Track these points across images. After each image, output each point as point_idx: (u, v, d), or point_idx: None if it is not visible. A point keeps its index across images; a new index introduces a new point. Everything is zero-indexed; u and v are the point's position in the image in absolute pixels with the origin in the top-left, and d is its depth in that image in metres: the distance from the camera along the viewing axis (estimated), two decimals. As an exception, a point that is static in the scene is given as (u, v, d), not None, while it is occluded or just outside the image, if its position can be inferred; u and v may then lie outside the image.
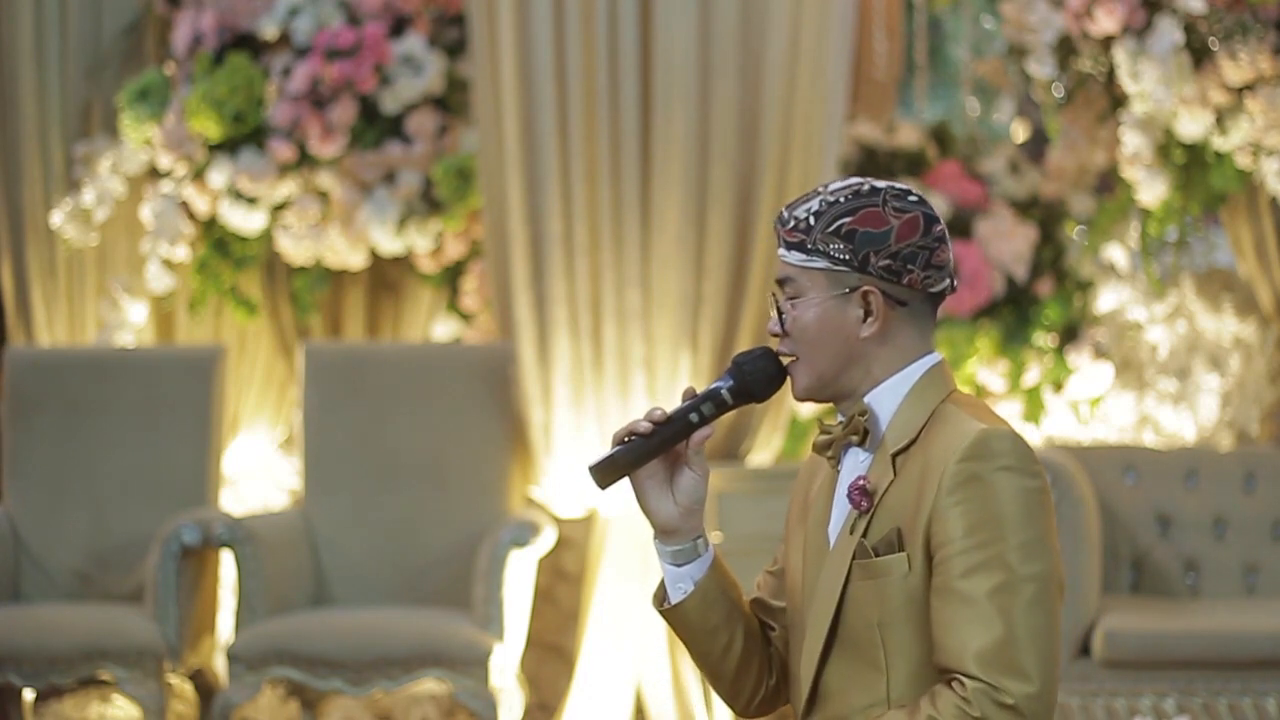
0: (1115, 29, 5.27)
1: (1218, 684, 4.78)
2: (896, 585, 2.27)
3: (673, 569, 2.43)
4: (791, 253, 2.34)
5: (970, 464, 2.23)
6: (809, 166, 5.20)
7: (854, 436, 2.34)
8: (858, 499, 2.31)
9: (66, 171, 5.97)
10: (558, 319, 5.20)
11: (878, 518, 2.30)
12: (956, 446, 2.24)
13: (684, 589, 2.42)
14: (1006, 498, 2.22)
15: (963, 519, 2.22)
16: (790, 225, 2.34)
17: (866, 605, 2.28)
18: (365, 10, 5.70)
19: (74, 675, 4.94)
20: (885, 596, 2.27)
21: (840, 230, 2.31)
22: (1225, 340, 5.71)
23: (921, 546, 2.26)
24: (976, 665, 2.18)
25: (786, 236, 2.35)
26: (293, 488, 5.85)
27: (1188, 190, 5.38)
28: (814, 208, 2.33)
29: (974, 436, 2.24)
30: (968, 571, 2.20)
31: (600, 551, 5.22)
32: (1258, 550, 5.19)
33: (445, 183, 5.54)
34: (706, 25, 5.14)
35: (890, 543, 2.28)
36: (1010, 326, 5.65)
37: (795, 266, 2.34)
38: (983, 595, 2.19)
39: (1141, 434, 5.69)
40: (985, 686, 2.17)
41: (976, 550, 2.21)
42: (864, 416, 2.33)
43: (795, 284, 2.35)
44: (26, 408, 5.36)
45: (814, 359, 2.34)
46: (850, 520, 2.32)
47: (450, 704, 5.36)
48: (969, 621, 2.19)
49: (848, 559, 2.30)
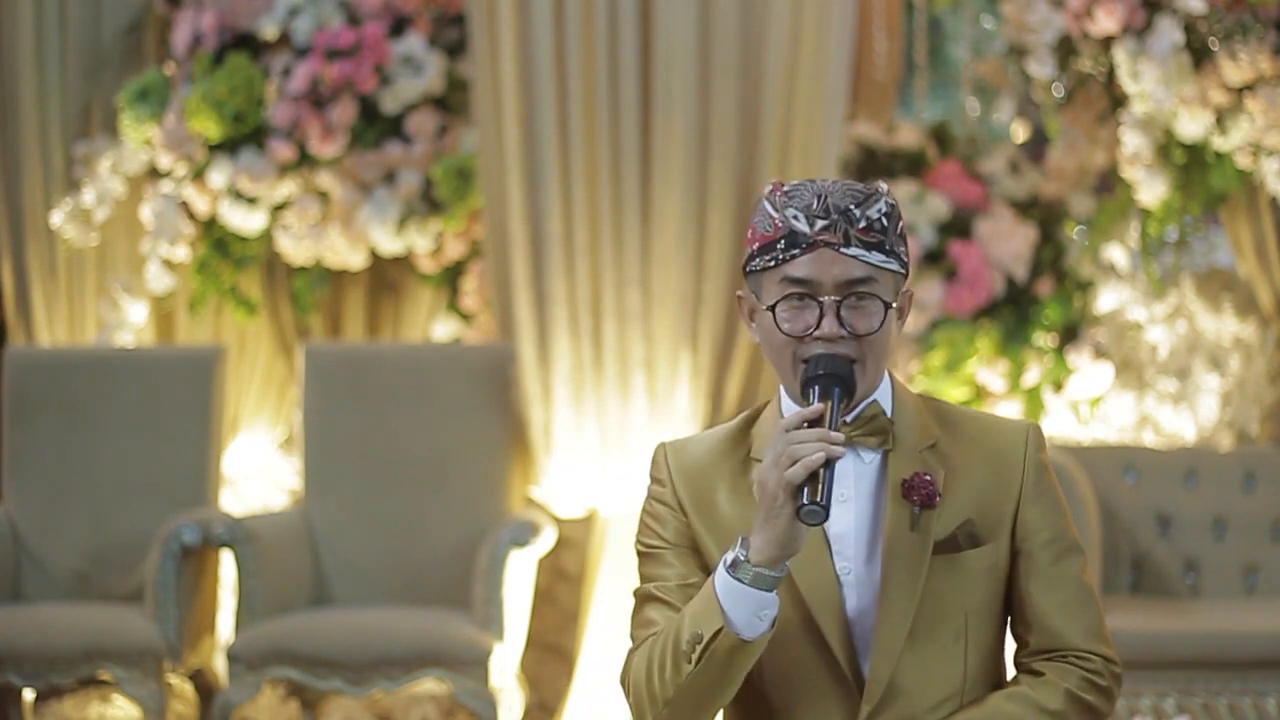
0: (1115, 29, 5.27)
1: (1218, 684, 4.78)
2: (985, 576, 2.33)
3: (764, 595, 2.24)
4: (872, 253, 2.30)
5: (1041, 454, 2.38)
6: (809, 166, 5.19)
7: (872, 437, 2.33)
8: (929, 496, 2.31)
9: (66, 171, 5.97)
10: (558, 319, 5.21)
11: (945, 512, 2.32)
12: (1021, 440, 2.37)
13: (769, 615, 2.25)
14: (1059, 487, 2.40)
15: (1048, 508, 2.36)
16: (864, 225, 2.29)
17: (953, 598, 2.31)
18: (365, 10, 5.70)
19: (74, 675, 4.94)
20: (974, 588, 2.33)
21: (902, 233, 2.34)
22: (1225, 340, 5.71)
23: (1007, 536, 2.34)
24: (1091, 642, 2.34)
25: (863, 236, 2.29)
26: (293, 488, 5.86)
27: (1188, 190, 5.38)
28: (883, 209, 2.31)
29: (1034, 430, 2.39)
30: (1059, 556, 2.35)
31: (600, 551, 5.22)
32: (1258, 550, 5.19)
33: (445, 183, 5.54)
34: (706, 25, 5.14)
35: (971, 536, 2.33)
36: (1010, 326, 5.65)
37: (877, 267, 2.30)
38: (1074, 577, 2.36)
39: (1141, 434, 5.69)
40: (1102, 660, 2.34)
41: (1061, 536, 2.37)
42: (886, 416, 2.34)
43: (876, 284, 2.30)
44: (26, 408, 5.36)
45: (878, 361, 2.32)
46: (907, 518, 2.31)
47: (450, 704, 5.36)
48: (1072, 603, 2.34)
49: (923, 556, 2.30)
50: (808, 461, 2.18)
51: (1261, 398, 5.67)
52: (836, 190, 2.31)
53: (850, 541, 2.33)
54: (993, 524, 2.33)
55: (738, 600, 2.23)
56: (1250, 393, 5.67)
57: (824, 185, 2.32)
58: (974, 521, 2.32)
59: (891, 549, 2.31)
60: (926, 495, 2.30)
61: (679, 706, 2.30)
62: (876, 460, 2.34)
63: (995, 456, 2.35)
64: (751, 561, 2.22)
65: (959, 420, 2.38)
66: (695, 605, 2.27)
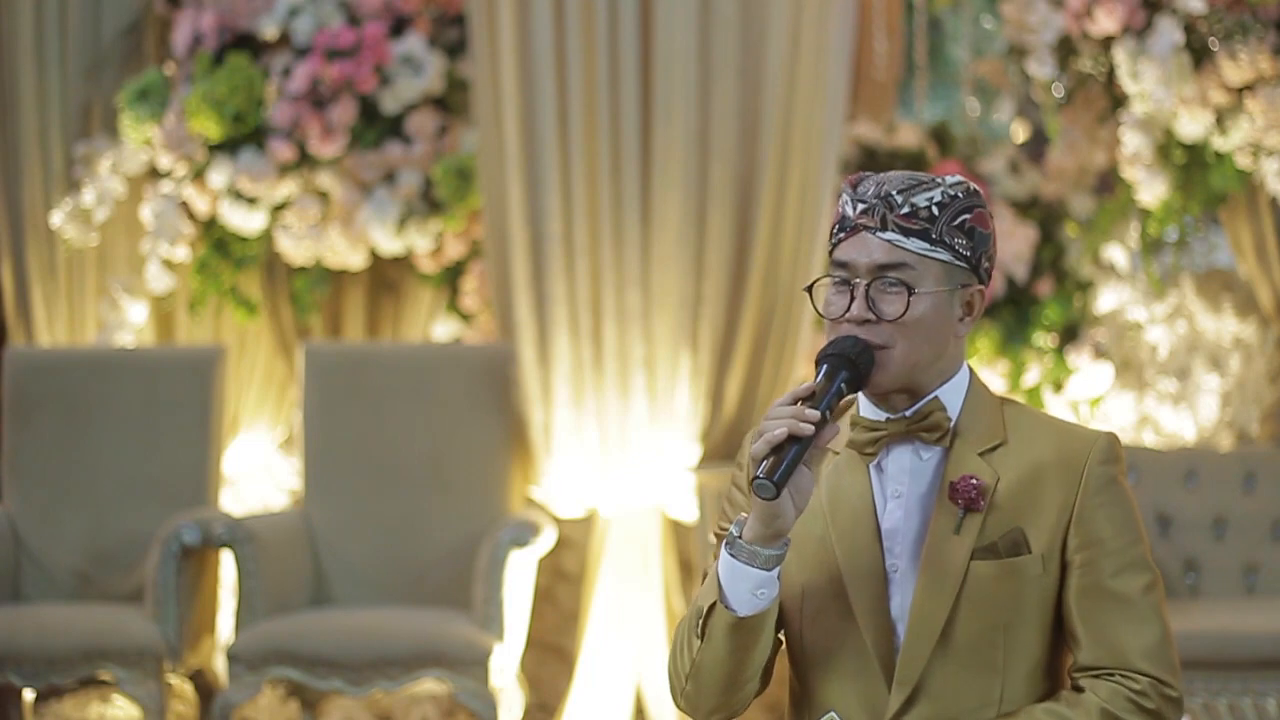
0: (1115, 29, 5.27)
1: (1218, 684, 4.78)
2: (1026, 586, 2.27)
3: (761, 574, 2.25)
4: (911, 239, 2.28)
5: (1109, 467, 2.31)
6: (809, 166, 5.20)
7: (927, 433, 2.30)
8: (973, 498, 2.27)
9: (66, 171, 5.97)
10: (558, 319, 5.20)
11: (993, 517, 2.28)
12: (1086, 450, 2.30)
13: (768, 594, 2.26)
14: (1131, 503, 2.33)
15: (1110, 521, 2.29)
16: (907, 211, 2.28)
17: (989, 607, 2.27)
18: (365, 10, 5.70)
19: (74, 675, 4.94)
20: (1013, 597, 2.27)
21: (964, 225, 2.30)
22: (1225, 340, 5.71)
23: (1057, 548, 2.28)
24: (1145, 662, 2.26)
25: (903, 222, 2.28)
26: (293, 488, 5.86)
27: (1188, 190, 5.38)
28: (936, 198, 2.29)
29: (1104, 440, 2.32)
30: (1118, 571, 2.28)
31: (600, 551, 5.22)
32: (1258, 550, 5.20)
33: (445, 183, 5.54)
34: (706, 25, 5.14)
35: (1016, 543, 2.27)
36: (1010, 326, 5.65)
37: (915, 254, 2.28)
38: (1137, 594, 2.28)
39: (1141, 434, 5.69)
40: (1154, 681, 2.25)
41: (1124, 551, 2.28)
42: (944, 412, 2.31)
43: (910, 271, 2.28)
44: (26, 408, 5.36)
45: (915, 350, 2.29)
46: (952, 520, 2.28)
47: (450, 704, 5.36)
48: (1130, 620, 2.27)
49: (963, 560, 2.26)
50: (769, 436, 2.19)
51: (1261, 398, 5.67)
52: (897, 178, 2.31)
53: (899, 539, 2.31)
54: (1043, 534, 2.27)
55: (735, 577, 2.25)
56: (1250, 393, 5.67)
57: (891, 174, 2.33)
58: (1022, 530, 2.27)
59: (931, 551, 2.28)
60: (970, 499, 2.27)
61: (698, 684, 2.32)
62: (935, 458, 2.31)
63: (1056, 466, 2.29)
64: (744, 539, 2.24)
65: (1032, 426, 2.33)
66: (706, 581, 2.31)
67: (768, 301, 5.22)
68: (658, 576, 5.19)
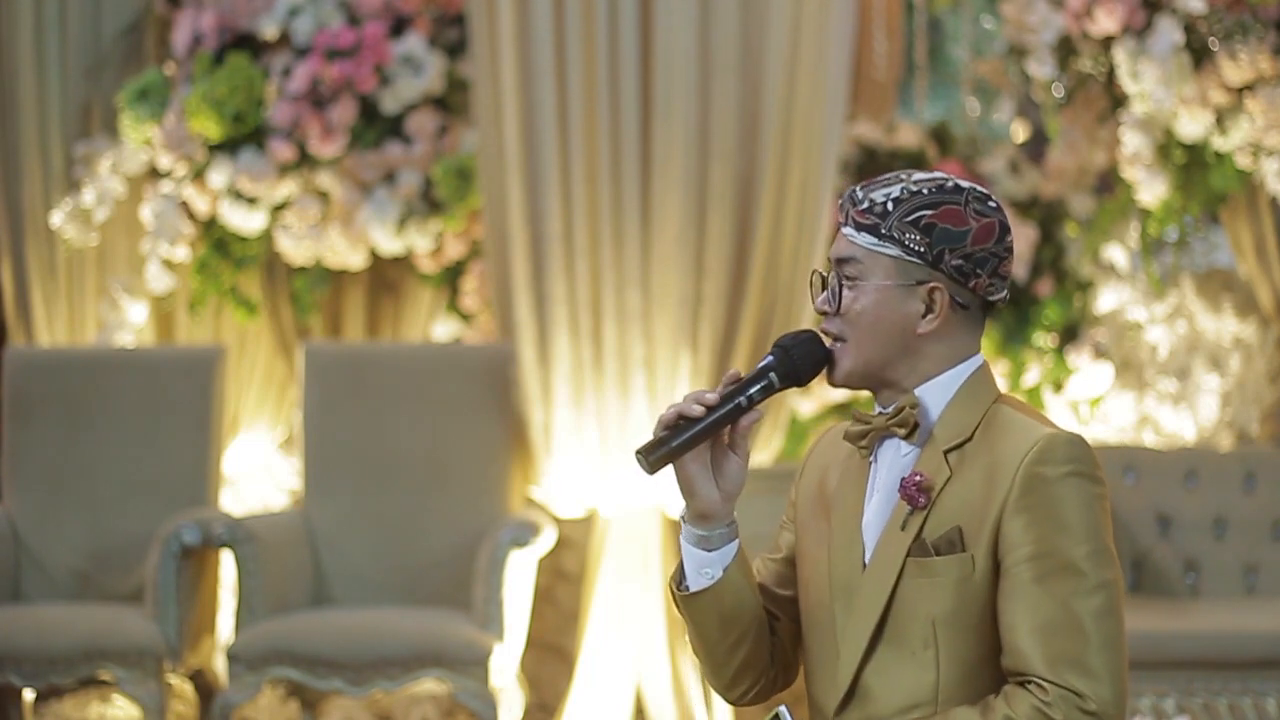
0: (1115, 29, 5.27)
1: (1218, 684, 4.78)
2: (957, 585, 2.25)
3: (701, 554, 2.34)
4: (862, 234, 2.30)
5: (1040, 468, 2.23)
6: (809, 166, 5.19)
7: (900, 429, 2.30)
8: (914, 495, 2.27)
9: (66, 171, 5.97)
10: (558, 319, 5.20)
11: (935, 515, 2.27)
12: (1024, 450, 2.24)
13: (711, 575, 2.33)
14: (1075, 504, 2.23)
15: (1035, 524, 2.22)
16: (864, 206, 2.30)
17: (921, 603, 2.26)
18: (365, 10, 5.70)
19: (74, 675, 4.94)
20: (943, 595, 2.25)
21: (919, 221, 2.29)
22: (1225, 340, 5.71)
23: (988, 548, 2.24)
24: (1055, 671, 2.18)
25: (858, 217, 2.30)
26: (293, 488, 5.86)
27: (1188, 190, 5.38)
28: (895, 194, 2.29)
29: (1043, 441, 2.24)
30: (1041, 577, 2.20)
31: (600, 551, 5.22)
32: (1258, 550, 5.19)
33: (445, 183, 5.54)
34: (706, 25, 5.14)
35: (951, 542, 2.25)
36: (1010, 326, 5.65)
37: (863, 248, 2.30)
38: (1058, 602, 2.19)
39: (1141, 434, 5.69)
40: (1067, 693, 2.17)
41: (1050, 556, 2.21)
42: (914, 409, 2.30)
43: (859, 265, 2.30)
44: (26, 408, 5.35)
45: (864, 345, 2.30)
46: (902, 516, 2.28)
47: (450, 704, 5.36)
48: (1046, 627, 2.19)
49: (901, 556, 2.27)
50: (662, 415, 2.32)
51: (1261, 398, 5.67)
52: (886, 176, 2.34)
53: (872, 533, 2.32)
54: (975, 533, 2.25)
55: (686, 553, 2.37)
56: (1250, 393, 5.67)
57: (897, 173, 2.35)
58: (960, 529, 2.25)
59: (880, 546, 2.30)
60: (911, 495, 2.27)
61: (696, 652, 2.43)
62: (913, 455, 2.31)
63: (994, 464, 2.25)
64: (684, 518, 2.36)
65: (1003, 426, 2.30)
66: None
67: (768, 301, 5.22)
68: (658, 576, 5.19)
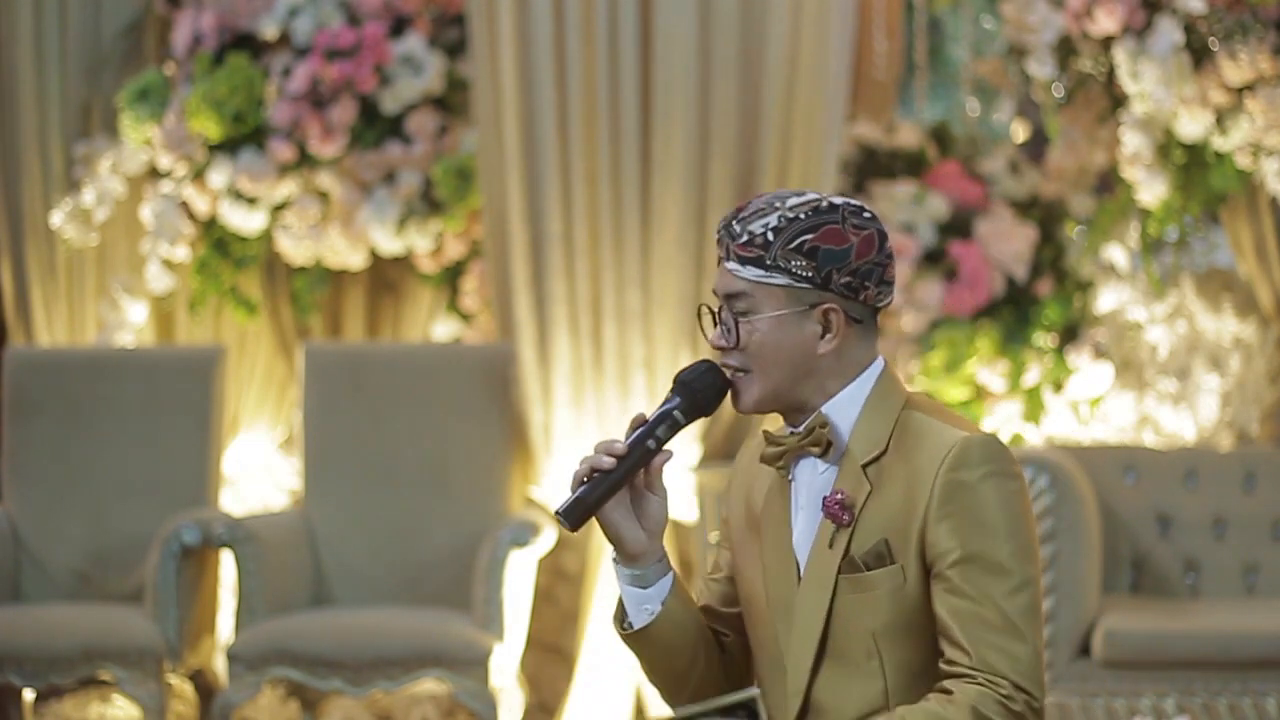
0: (1115, 29, 5.27)
1: (1218, 684, 4.78)
2: (891, 597, 2.27)
3: (637, 591, 2.37)
4: (747, 268, 2.31)
5: (958, 474, 2.25)
6: (809, 166, 5.19)
7: (814, 448, 2.33)
8: (837, 513, 2.29)
9: (66, 171, 5.97)
10: (558, 319, 5.21)
11: (860, 530, 2.29)
12: (940, 457, 2.26)
13: (650, 610, 2.37)
14: (996, 504, 2.25)
15: (958, 530, 2.24)
16: (744, 240, 2.30)
17: (858, 617, 2.28)
18: (365, 10, 5.70)
19: (74, 675, 4.94)
20: (879, 608, 2.28)
21: (803, 247, 2.29)
22: (1225, 340, 5.71)
23: (916, 556, 2.27)
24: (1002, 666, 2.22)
25: (740, 250, 2.31)
26: (293, 488, 5.86)
27: (1188, 190, 5.38)
28: (772, 223, 2.30)
29: (958, 446, 2.26)
30: (973, 577, 2.23)
31: (600, 551, 5.22)
32: (1258, 550, 5.19)
33: (445, 183, 5.54)
34: (706, 25, 5.14)
35: (880, 555, 2.27)
36: (1010, 326, 5.65)
37: (750, 281, 2.31)
38: (991, 600, 2.23)
39: (1141, 434, 5.69)
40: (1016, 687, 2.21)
41: (977, 559, 2.23)
42: (825, 428, 2.32)
43: (749, 299, 2.31)
44: (26, 408, 5.36)
45: (768, 373, 2.33)
46: (828, 534, 2.31)
47: (450, 704, 5.36)
48: (984, 625, 2.22)
49: (832, 573, 2.29)
50: (575, 472, 2.32)
51: (1261, 398, 5.67)
52: (751, 206, 2.34)
53: (804, 550, 2.35)
54: (901, 544, 2.27)
55: (624, 593, 2.39)
56: (1250, 393, 5.67)
57: (759, 201, 2.35)
58: (887, 541, 2.27)
59: (810, 565, 2.32)
60: (835, 514, 2.30)
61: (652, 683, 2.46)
62: (831, 472, 2.34)
63: (912, 474, 2.27)
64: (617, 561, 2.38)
65: (916, 433, 2.31)
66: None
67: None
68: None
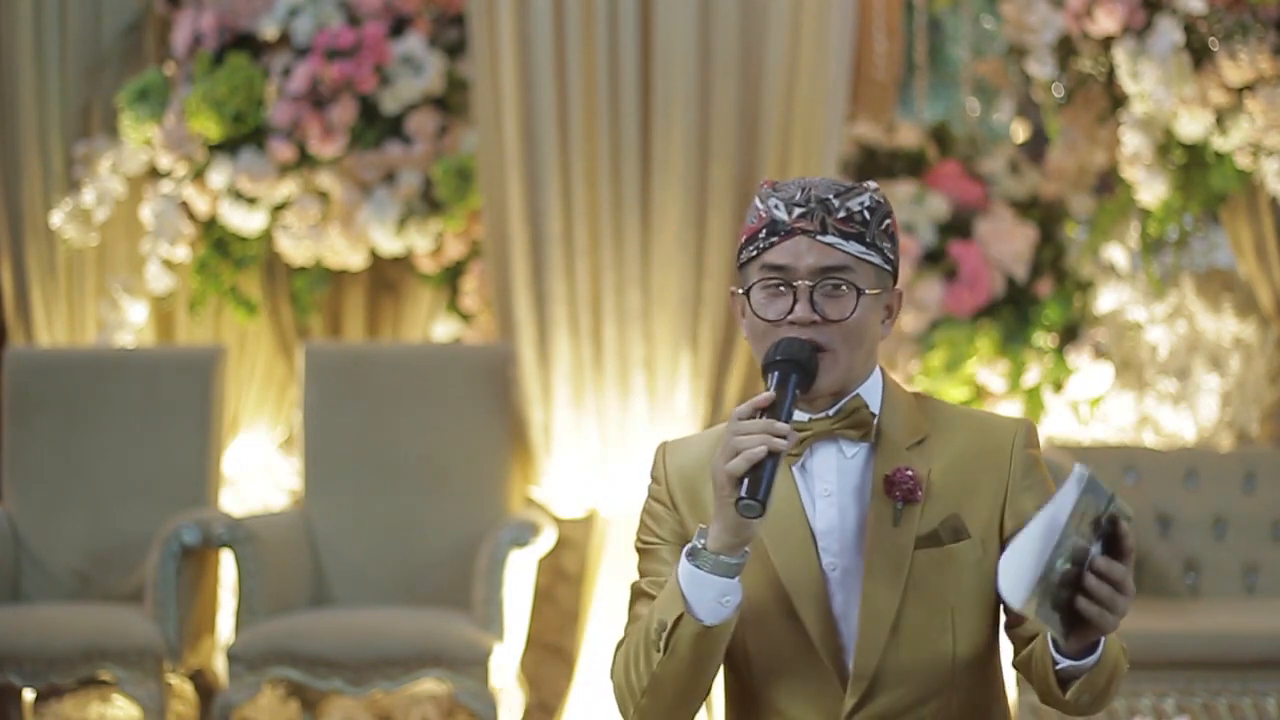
0: (1115, 29, 5.27)
1: (1218, 684, 4.78)
2: (972, 569, 2.33)
3: (724, 582, 2.26)
4: (850, 243, 2.32)
5: (1032, 450, 2.39)
6: (809, 166, 5.19)
7: (853, 430, 2.34)
8: (911, 490, 2.32)
9: (66, 171, 5.97)
10: (558, 319, 5.20)
11: (929, 507, 2.33)
12: (1010, 435, 2.38)
13: (732, 601, 2.28)
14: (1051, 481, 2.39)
15: (1036, 500, 2.33)
16: (844, 215, 2.32)
17: (935, 593, 2.32)
18: (365, 10, 5.70)
19: (74, 675, 4.94)
20: (959, 581, 2.33)
21: (888, 230, 2.36)
22: (1225, 340, 5.71)
23: (995, 530, 2.34)
24: None
25: (841, 226, 2.32)
26: (293, 488, 5.86)
27: (1188, 190, 5.38)
28: (866, 202, 2.34)
29: (1025, 426, 2.40)
30: None
31: (600, 551, 5.22)
32: (1258, 550, 5.20)
33: (445, 183, 5.54)
34: (706, 25, 5.14)
35: (956, 530, 2.34)
36: (1010, 326, 5.65)
37: (853, 257, 2.33)
38: None
39: (1141, 434, 5.69)
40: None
41: None
42: (866, 410, 2.35)
43: (851, 273, 2.32)
44: (26, 408, 5.36)
45: (853, 352, 2.34)
46: (889, 513, 2.32)
47: (450, 704, 5.36)
48: None
49: (907, 551, 2.31)
50: (749, 454, 2.20)
51: (1261, 398, 5.67)
52: (822, 184, 2.35)
53: (835, 538, 2.35)
54: (979, 519, 2.34)
55: (699, 587, 2.25)
56: (1250, 393, 5.67)
57: (811, 180, 2.36)
58: (959, 516, 2.33)
59: (874, 545, 2.32)
60: (908, 490, 2.32)
61: (655, 696, 2.32)
62: (861, 455, 2.36)
63: (983, 453, 2.36)
64: (709, 549, 2.25)
65: (951, 418, 2.40)
66: (663, 595, 2.31)
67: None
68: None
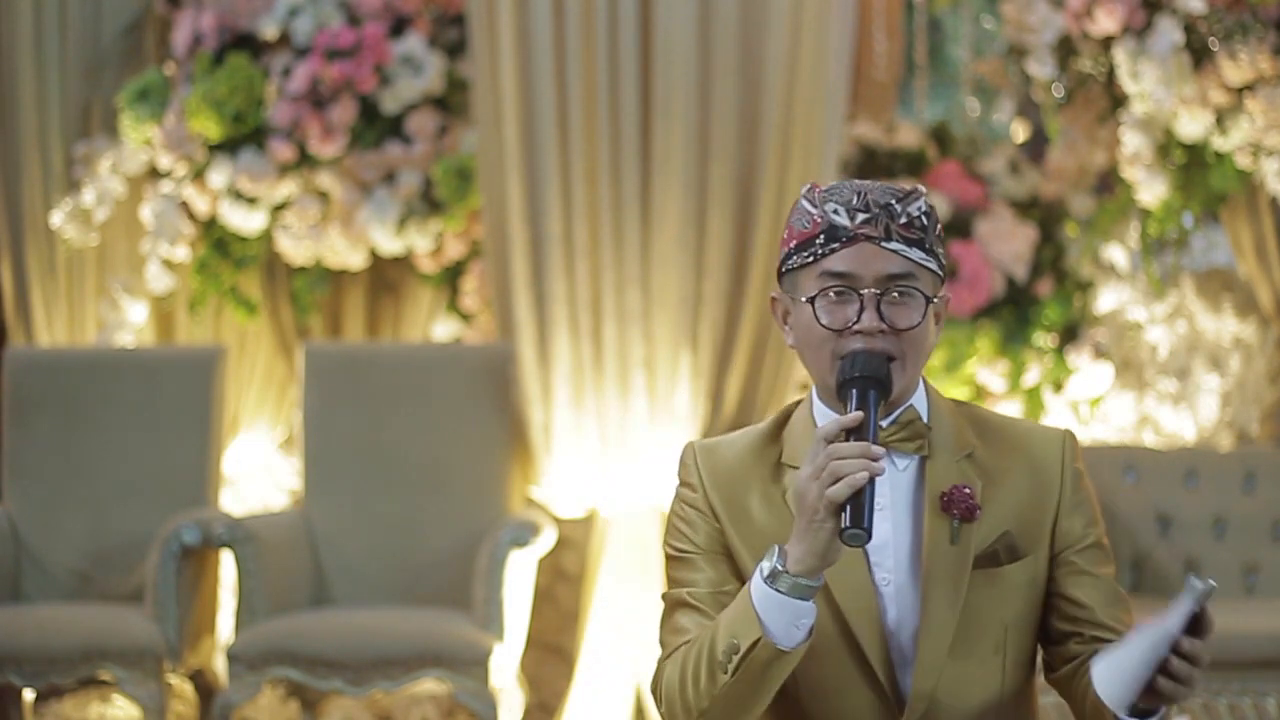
0: (1115, 29, 5.27)
1: (1218, 684, 4.77)
2: (1026, 588, 2.31)
3: (799, 605, 2.19)
4: (913, 249, 2.27)
5: (1077, 464, 2.38)
6: (809, 166, 5.19)
7: (909, 443, 2.30)
8: (970, 508, 2.28)
9: (66, 171, 5.97)
10: (558, 319, 5.20)
11: (982, 525, 2.29)
12: (1058, 449, 2.37)
13: (806, 624, 2.20)
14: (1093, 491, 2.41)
15: (1085, 515, 2.36)
16: (905, 221, 2.27)
17: (993, 611, 2.30)
18: (365, 10, 5.70)
19: (74, 675, 4.94)
20: (1014, 600, 2.31)
21: (941, 237, 2.33)
22: (1225, 340, 5.71)
23: (1046, 546, 2.33)
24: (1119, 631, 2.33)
25: (903, 232, 2.27)
26: (293, 488, 5.86)
27: (1188, 190, 5.38)
28: (923, 208, 2.30)
29: (1069, 438, 2.39)
30: (1099, 562, 2.36)
31: (600, 551, 5.22)
32: (1258, 550, 5.19)
33: (445, 183, 5.54)
34: (706, 25, 5.14)
35: (1011, 548, 2.31)
36: (1010, 326, 5.65)
37: (916, 264, 2.27)
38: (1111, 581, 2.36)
39: (1141, 434, 5.69)
40: None
41: (1099, 544, 2.37)
42: (921, 421, 2.31)
43: (916, 280, 2.27)
44: (26, 408, 5.36)
45: (917, 361, 2.29)
46: (945, 530, 2.28)
47: (450, 704, 5.36)
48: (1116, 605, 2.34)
49: (965, 569, 2.27)
50: (852, 480, 2.12)
51: (1261, 398, 5.67)
52: (876, 188, 2.30)
53: (889, 553, 2.30)
54: (1031, 535, 2.31)
55: (775, 610, 2.18)
56: (1250, 393, 5.67)
57: (863, 183, 2.31)
58: (1012, 534, 2.30)
59: (932, 563, 2.28)
60: (966, 509, 2.28)
61: (713, 716, 2.25)
62: (912, 467, 2.31)
63: (1032, 468, 2.33)
64: (790, 571, 2.17)
65: (996, 428, 2.36)
66: (730, 615, 2.22)
67: (768, 301, 5.20)
68: (658, 576, 5.18)
